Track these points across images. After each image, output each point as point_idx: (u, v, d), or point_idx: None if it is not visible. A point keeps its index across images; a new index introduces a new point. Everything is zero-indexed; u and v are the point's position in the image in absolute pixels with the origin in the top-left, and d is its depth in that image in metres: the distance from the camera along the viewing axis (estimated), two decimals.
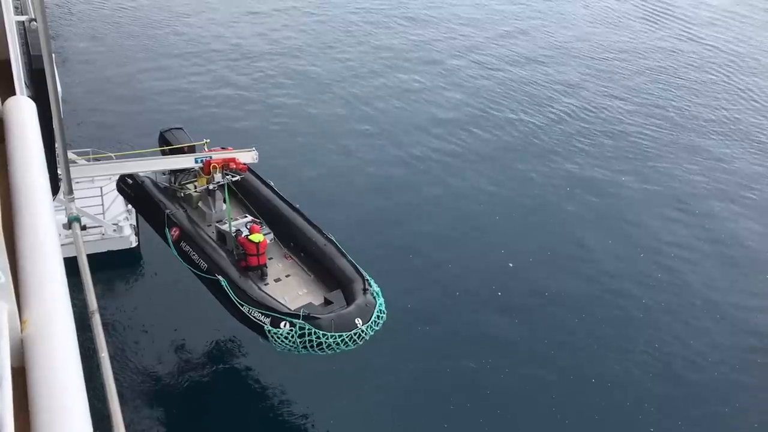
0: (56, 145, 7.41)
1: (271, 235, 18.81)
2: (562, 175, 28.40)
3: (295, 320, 15.74)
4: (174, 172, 20.23)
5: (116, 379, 5.02)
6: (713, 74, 38.80)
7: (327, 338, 15.66)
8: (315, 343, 15.71)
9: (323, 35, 39.39)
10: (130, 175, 20.21)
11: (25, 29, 6.95)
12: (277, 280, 17.97)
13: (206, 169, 19.91)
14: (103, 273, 20.70)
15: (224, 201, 19.70)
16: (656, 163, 29.90)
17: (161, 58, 35.40)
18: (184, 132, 21.62)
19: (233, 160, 19.93)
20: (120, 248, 21.38)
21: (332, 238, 18.29)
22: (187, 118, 29.41)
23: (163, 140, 20.97)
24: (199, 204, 20.05)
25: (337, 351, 16.04)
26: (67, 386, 3.02)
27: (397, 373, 19.12)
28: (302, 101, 32.38)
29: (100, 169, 20.49)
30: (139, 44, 36.59)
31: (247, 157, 20.60)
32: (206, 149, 21.16)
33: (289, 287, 17.75)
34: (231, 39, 37.98)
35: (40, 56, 6.75)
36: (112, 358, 4.69)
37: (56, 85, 7.29)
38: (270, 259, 18.40)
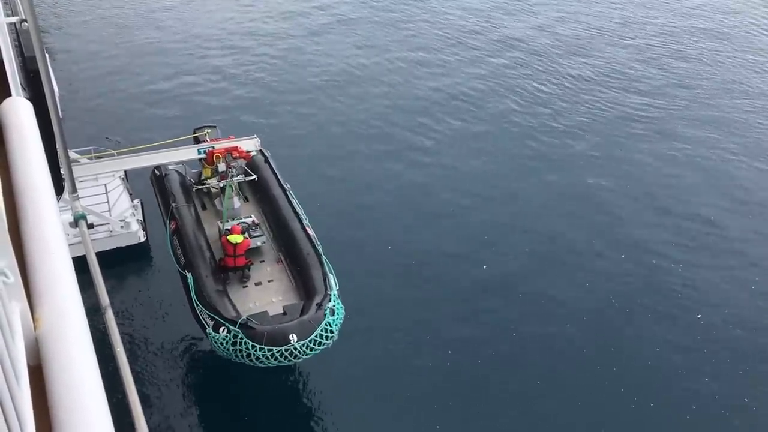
0: (57, 145, 7.40)
1: (264, 238, 18.80)
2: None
3: (231, 327, 15.58)
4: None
5: (132, 372, 5.05)
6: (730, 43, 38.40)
7: (256, 350, 15.35)
8: (245, 354, 15.47)
9: (332, 33, 39.08)
10: (159, 168, 20.68)
11: (17, 30, 6.92)
12: (258, 284, 17.91)
13: (209, 158, 20.04)
14: (114, 269, 20.79)
15: (239, 197, 19.97)
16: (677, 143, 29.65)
17: (158, 53, 35.17)
18: (217, 130, 22.04)
19: (236, 148, 20.01)
20: (129, 244, 21.42)
21: (319, 248, 18.03)
22: (187, 112, 29.38)
23: (195, 138, 21.35)
24: (215, 201, 20.26)
25: (269, 365, 15.61)
26: (84, 381, 3.03)
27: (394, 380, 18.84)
28: (306, 97, 32.05)
29: (102, 166, 20.57)
30: (134, 39, 36.36)
31: (249, 144, 20.69)
32: (208, 139, 21.28)
33: (265, 293, 17.65)
34: (232, 33, 37.56)
35: (34, 57, 6.73)
36: (127, 351, 4.71)
37: (52, 85, 7.27)
38: (261, 261, 18.45)
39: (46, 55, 7.20)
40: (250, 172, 20.57)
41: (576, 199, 25.21)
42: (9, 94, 5.49)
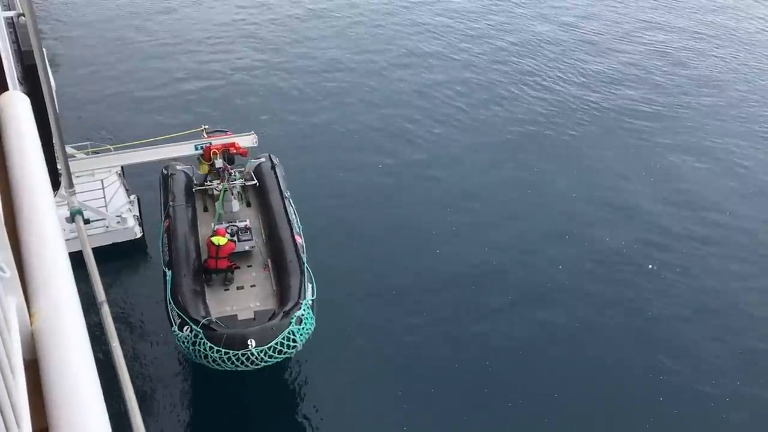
0: (54, 140, 7.39)
1: (252, 243, 18.83)
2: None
3: (194, 326, 15.62)
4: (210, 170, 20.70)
5: (128, 367, 5.06)
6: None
7: (213, 352, 15.35)
8: (203, 354, 15.48)
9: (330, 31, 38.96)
10: (167, 167, 20.88)
11: (14, 25, 6.90)
12: (240, 288, 17.92)
13: (206, 155, 20.07)
14: (110, 265, 20.76)
15: (241, 201, 20.02)
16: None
17: (157, 49, 35.06)
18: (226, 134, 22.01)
19: (233, 144, 20.07)
20: (125, 239, 21.41)
21: (304, 256, 18.01)
22: (185, 109, 29.34)
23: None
24: (216, 203, 20.33)
25: (226, 368, 15.59)
26: (80, 375, 3.03)
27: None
28: (302, 92, 32.02)
29: (99, 161, 20.62)
30: (134, 35, 36.23)
31: (246, 140, 20.72)
32: (205, 135, 21.26)
33: (245, 297, 17.67)
34: (233, 33, 37.38)
35: (31, 51, 6.71)
36: (122, 346, 4.72)
37: (49, 80, 7.26)
38: (249, 266, 18.50)
39: (44, 49, 7.19)
40: (254, 177, 20.68)
41: (578, 205, 25.18)
42: (6, 89, 5.47)
